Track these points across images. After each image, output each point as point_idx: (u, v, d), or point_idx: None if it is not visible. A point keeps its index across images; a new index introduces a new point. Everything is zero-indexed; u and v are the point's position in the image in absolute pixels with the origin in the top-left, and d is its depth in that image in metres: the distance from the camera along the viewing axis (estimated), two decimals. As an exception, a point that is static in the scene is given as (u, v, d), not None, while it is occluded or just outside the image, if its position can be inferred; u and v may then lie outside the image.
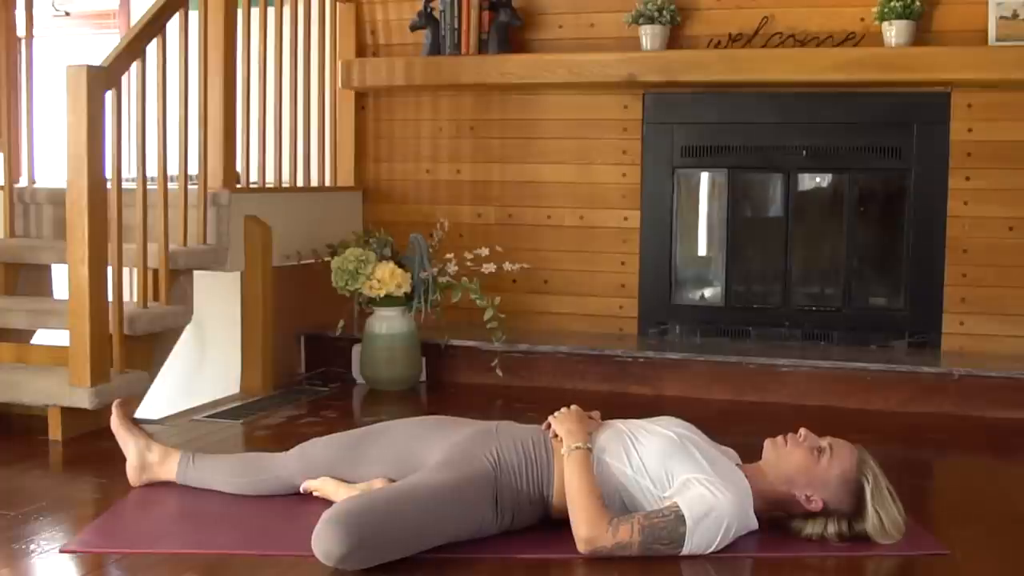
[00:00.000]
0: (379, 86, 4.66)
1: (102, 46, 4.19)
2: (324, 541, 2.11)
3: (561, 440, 2.42)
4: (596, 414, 2.55)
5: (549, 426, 2.48)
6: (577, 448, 2.37)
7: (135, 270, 3.57)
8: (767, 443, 2.44)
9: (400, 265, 4.09)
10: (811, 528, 2.37)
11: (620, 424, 2.51)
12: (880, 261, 4.34)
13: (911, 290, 4.25)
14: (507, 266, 4.22)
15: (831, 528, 2.35)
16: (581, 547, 2.26)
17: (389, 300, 4.06)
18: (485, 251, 4.19)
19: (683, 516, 2.24)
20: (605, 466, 2.38)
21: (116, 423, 2.77)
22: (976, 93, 4.10)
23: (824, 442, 2.39)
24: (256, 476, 2.67)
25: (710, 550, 2.26)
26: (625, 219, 4.52)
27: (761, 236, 4.45)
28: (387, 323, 4.09)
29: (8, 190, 4.10)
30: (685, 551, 2.24)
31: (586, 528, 2.26)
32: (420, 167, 4.78)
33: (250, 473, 2.68)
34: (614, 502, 2.35)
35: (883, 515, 2.32)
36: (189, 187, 3.75)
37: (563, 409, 2.51)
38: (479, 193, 4.70)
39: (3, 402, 3.36)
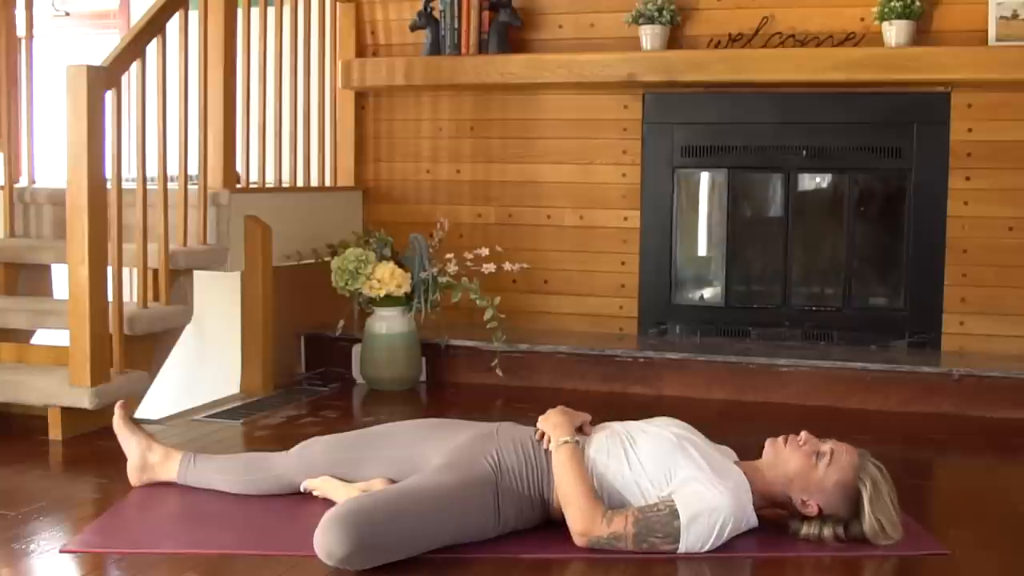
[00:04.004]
0: (379, 86, 4.66)
1: (102, 46, 4.19)
2: (326, 541, 2.12)
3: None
4: (586, 416, 2.55)
5: (543, 435, 2.47)
6: (565, 443, 2.38)
7: (135, 270, 3.57)
8: (768, 442, 2.44)
9: (400, 265, 4.09)
10: (808, 529, 2.37)
11: (617, 425, 2.51)
12: (880, 261, 4.34)
13: (911, 290, 4.25)
14: (507, 266, 4.22)
15: (827, 531, 2.35)
16: (577, 540, 2.28)
17: (389, 300, 4.06)
18: (485, 251, 4.19)
19: (677, 511, 2.24)
20: (604, 467, 2.38)
21: (118, 423, 2.78)
22: (976, 93, 4.10)
23: (825, 446, 2.37)
24: (256, 476, 2.67)
25: (707, 548, 2.26)
26: (625, 219, 4.52)
27: (761, 236, 4.45)
28: (387, 323, 4.09)
29: (8, 190, 4.10)
30: (682, 548, 2.25)
31: (580, 520, 2.27)
32: (420, 167, 4.78)
33: (251, 473, 2.68)
34: (614, 503, 2.35)
35: (882, 520, 2.32)
36: (189, 187, 3.75)
37: (549, 410, 2.52)
38: (479, 193, 4.70)
39: (3, 402, 3.36)
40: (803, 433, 2.42)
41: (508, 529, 2.37)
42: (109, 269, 3.27)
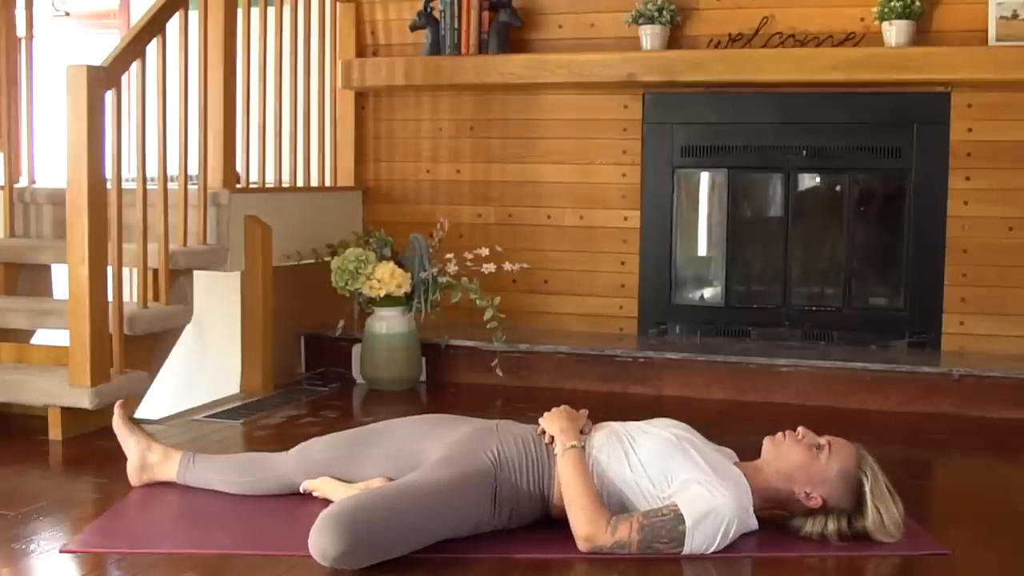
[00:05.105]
0: (379, 86, 4.66)
1: (102, 46, 4.20)
2: (320, 540, 2.11)
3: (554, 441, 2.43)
4: (584, 412, 2.55)
5: (544, 432, 2.48)
6: (572, 447, 2.38)
7: (135, 270, 3.57)
8: (766, 441, 2.44)
9: (400, 265, 4.09)
10: (811, 526, 2.37)
11: (617, 426, 2.51)
12: (880, 261, 4.34)
13: (911, 290, 4.24)
14: (507, 266, 4.22)
15: (831, 526, 2.35)
16: (580, 545, 2.27)
17: (389, 300, 4.06)
18: (485, 251, 4.19)
19: (682, 516, 2.24)
20: (604, 468, 2.38)
21: (117, 423, 2.78)
22: (976, 93, 4.10)
23: (822, 440, 2.40)
24: (256, 476, 2.67)
25: (711, 550, 2.26)
26: (625, 219, 4.52)
27: (761, 236, 4.45)
28: (387, 323, 4.09)
29: (8, 190, 4.10)
30: (686, 551, 2.25)
31: (585, 526, 2.26)
32: (420, 167, 4.78)
33: (250, 473, 2.68)
34: (613, 503, 2.35)
35: (883, 511, 2.33)
36: (189, 187, 3.75)
37: (553, 409, 2.52)
38: (479, 193, 4.70)
39: (3, 402, 3.36)
40: (800, 428, 2.44)
41: (505, 523, 2.37)
42: (109, 269, 3.27)
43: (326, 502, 2.49)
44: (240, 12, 3.91)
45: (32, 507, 2.58)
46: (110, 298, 3.29)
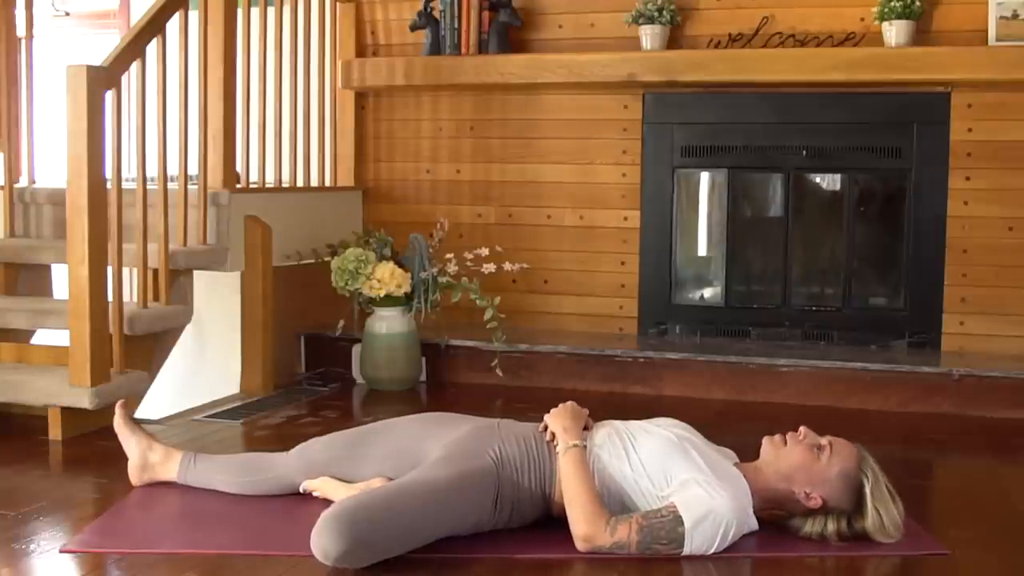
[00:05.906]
0: (379, 86, 4.66)
1: (102, 46, 4.20)
2: (321, 540, 2.12)
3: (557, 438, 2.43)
4: (585, 411, 2.55)
5: (546, 428, 2.48)
6: (574, 446, 2.38)
7: (135, 270, 3.57)
8: (765, 441, 2.44)
9: (400, 265, 4.09)
10: (810, 527, 2.37)
11: (619, 424, 2.51)
12: (880, 261, 4.34)
13: (911, 290, 4.24)
14: (507, 266, 4.22)
15: (830, 526, 2.35)
16: (579, 545, 2.27)
17: (389, 300, 4.06)
18: (485, 251, 4.19)
19: (681, 517, 2.24)
20: (604, 466, 2.38)
21: (118, 423, 2.78)
22: (976, 93, 4.10)
23: (824, 440, 2.39)
24: (256, 476, 2.67)
25: (711, 551, 2.26)
26: (625, 219, 4.52)
27: (761, 236, 4.45)
28: (387, 323, 4.09)
29: (8, 190, 4.10)
30: (686, 552, 2.24)
31: (584, 526, 2.26)
32: (420, 167, 4.78)
33: (251, 473, 2.69)
34: (613, 502, 2.35)
35: (882, 513, 2.32)
36: (189, 187, 3.75)
37: (559, 405, 2.52)
38: (479, 193, 4.70)
39: (3, 402, 3.36)
40: (802, 428, 2.44)
41: (506, 522, 2.37)
42: (109, 269, 3.27)
43: (326, 502, 2.49)
44: (240, 12, 3.91)
45: (32, 507, 2.59)
46: (110, 298, 3.29)
